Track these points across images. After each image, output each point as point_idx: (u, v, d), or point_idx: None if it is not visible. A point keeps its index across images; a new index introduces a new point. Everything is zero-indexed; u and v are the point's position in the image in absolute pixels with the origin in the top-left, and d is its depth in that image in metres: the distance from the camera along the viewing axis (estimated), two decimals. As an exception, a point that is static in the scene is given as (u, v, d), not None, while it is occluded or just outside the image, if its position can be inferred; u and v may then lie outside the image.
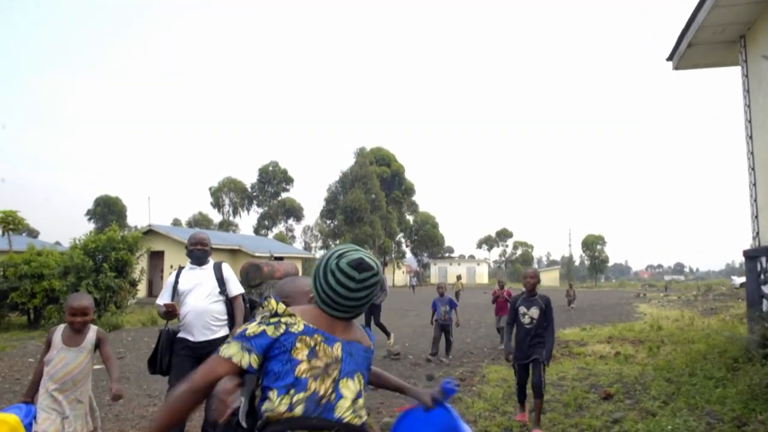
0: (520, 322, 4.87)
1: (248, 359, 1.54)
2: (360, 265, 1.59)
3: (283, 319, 1.61)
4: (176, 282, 4.05)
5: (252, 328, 1.59)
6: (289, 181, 61.33)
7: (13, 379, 7.92)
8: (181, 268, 4.18)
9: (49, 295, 15.66)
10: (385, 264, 46.46)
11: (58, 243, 19.90)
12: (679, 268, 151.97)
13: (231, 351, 1.55)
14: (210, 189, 60.20)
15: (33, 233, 43.08)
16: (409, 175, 57.44)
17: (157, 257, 24.43)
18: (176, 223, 60.73)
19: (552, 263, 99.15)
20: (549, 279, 60.15)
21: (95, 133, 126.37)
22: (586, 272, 68.17)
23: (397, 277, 57.43)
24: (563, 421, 5.04)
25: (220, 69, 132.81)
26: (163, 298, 4.03)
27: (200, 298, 3.97)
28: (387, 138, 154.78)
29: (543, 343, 4.76)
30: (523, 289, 4.95)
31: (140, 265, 16.15)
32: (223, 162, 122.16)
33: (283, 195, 61.76)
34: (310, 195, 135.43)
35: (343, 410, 1.58)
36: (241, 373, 1.56)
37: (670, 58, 7.84)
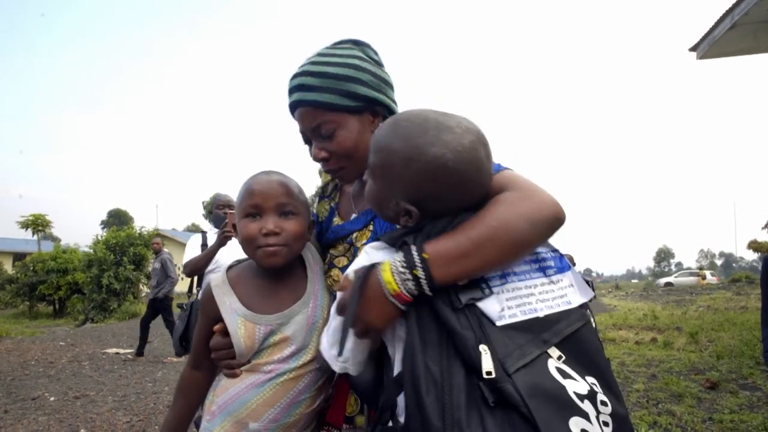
0: None
1: None
2: None
3: None
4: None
5: None
6: (266, 196, 66.33)
7: (46, 362, 7.49)
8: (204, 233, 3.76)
9: (72, 288, 16.43)
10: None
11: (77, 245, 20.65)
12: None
13: None
14: (203, 203, 64.47)
15: (54, 239, 43.64)
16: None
17: (162, 258, 25.09)
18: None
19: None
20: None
21: (103, 156, 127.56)
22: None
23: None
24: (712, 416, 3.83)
25: (213, 91, 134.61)
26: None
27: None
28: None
29: None
30: None
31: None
32: (212, 179, 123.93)
33: (262, 209, 66.63)
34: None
35: None
36: None
37: (694, 48, 6.53)
